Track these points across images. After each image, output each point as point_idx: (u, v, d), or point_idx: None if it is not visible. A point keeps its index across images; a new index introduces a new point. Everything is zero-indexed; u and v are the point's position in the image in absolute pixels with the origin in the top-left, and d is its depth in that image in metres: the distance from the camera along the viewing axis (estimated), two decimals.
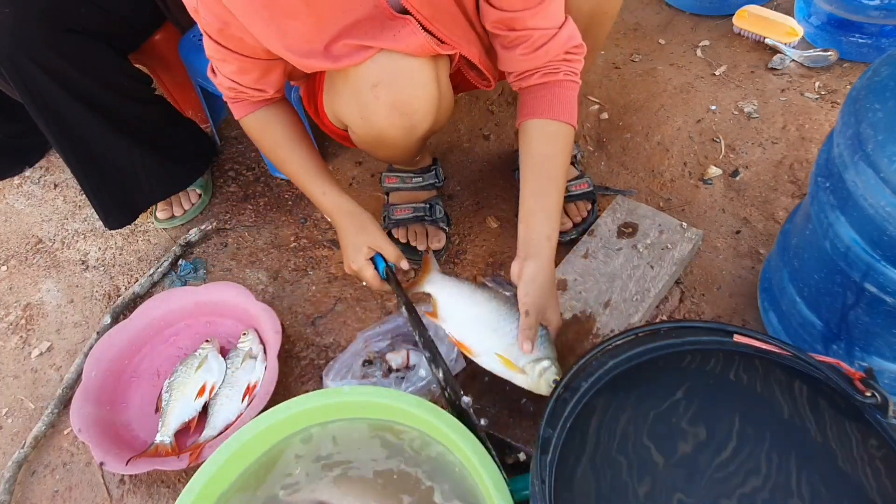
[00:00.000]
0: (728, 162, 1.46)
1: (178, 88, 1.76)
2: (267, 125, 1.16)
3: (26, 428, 1.31)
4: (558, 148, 1.04)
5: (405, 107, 1.04)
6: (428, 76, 1.02)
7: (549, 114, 1.03)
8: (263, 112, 1.15)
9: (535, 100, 1.05)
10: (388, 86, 1.01)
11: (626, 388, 0.75)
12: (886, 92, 0.77)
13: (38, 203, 1.80)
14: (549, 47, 1.01)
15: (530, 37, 1.00)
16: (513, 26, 1.00)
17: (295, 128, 1.18)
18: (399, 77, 1.00)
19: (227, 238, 1.57)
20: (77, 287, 1.56)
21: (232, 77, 1.08)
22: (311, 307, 1.39)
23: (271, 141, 1.18)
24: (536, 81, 1.05)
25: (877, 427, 0.68)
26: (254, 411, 1.13)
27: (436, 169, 1.44)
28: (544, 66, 1.03)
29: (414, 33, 0.96)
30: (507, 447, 1.02)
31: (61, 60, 1.26)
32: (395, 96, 1.02)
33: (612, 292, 1.19)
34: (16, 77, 1.25)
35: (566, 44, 1.02)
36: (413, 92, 1.02)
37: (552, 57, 1.02)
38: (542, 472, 0.66)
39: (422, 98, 1.04)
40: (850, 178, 0.79)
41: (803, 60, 1.61)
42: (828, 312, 0.96)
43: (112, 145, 1.40)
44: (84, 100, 1.32)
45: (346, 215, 1.16)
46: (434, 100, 1.06)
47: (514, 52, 1.03)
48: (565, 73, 1.04)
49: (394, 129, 1.08)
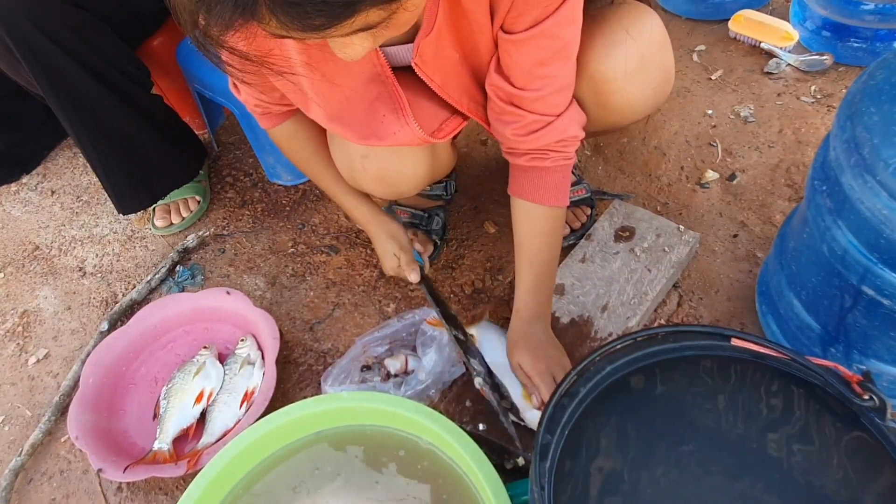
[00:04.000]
0: (725, 166, 1.46)
1: (175, 94, 1.76)
2: (294, 137, 1.17)
3: (23, 435, 1.31)
4: (538, 232, 1.08)
5: (391, 180, 1.09)
6: (420, 157, 1.07)
7: (535, 198, 1.05)
8: (291, 123, 1.15)
9: (524, 181, 1.06)
10: (377, 161, 1.05)
11: (624, 393, 0.75)
12: (882, 95, 0.77)
13: (35, 210, 1.79)
14: (542, 134, 0.98)
15: (524, 118, 0.97)
16: (512, 102, 0.96)
17: (321, 141, 1.18)
18: (388, 155, 1.05)
19: (224, 244, 1.57)
20: (74, 294, 1.56)
21: (256, 96, 1.08)
22: (309, 313, 1.39)
23: (301, 153, 1.20)
24: (524, 163, 1.04)
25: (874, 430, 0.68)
26: (252, 417, 1.13)
27: (447, 182, 1.43)
28: (534, 151, 1.01)
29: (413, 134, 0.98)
30: (506, 452, 1.02)
31: (72, 34, 1.26)
32: (382, 172, 1.07)
33: (610, 296, 1.19)
34: (27, 50, 1.24)
35: (561, 134, 0.99)
36: (401, 170, 1.07)
37: (543, 144, 1.00)
38: (540, 478, 0.66)
39: (409, 176, 1.09)
40: (847, 181, 0.79)
41: (799, 64, 1.62)
42: (825, 316, 0.96)
43: (125, 124, 1.39)
44: (98, 77, 1.32)
45: (377, 225, 1.25)
46: (423, 177, 1.13)
47: (506, 128, 1.00)
48: (553, 161, 1.02)
49: (380, 193, 1.18)
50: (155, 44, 1.62)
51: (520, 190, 1.07)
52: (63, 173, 1.88)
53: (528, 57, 0.90)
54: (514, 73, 0.93)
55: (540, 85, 0.93)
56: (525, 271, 1.10)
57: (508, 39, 0.89)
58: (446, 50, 0.92)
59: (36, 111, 1.80)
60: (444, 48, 0.92)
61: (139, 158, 1.45)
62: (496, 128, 1.03)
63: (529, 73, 0.92)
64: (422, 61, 0.91)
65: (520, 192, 1.07)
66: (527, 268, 1.10)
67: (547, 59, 0.90)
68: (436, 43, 0.89)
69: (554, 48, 0.89)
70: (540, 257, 1.09)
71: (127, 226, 1.68)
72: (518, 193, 1.07)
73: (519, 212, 1.09)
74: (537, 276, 1.10)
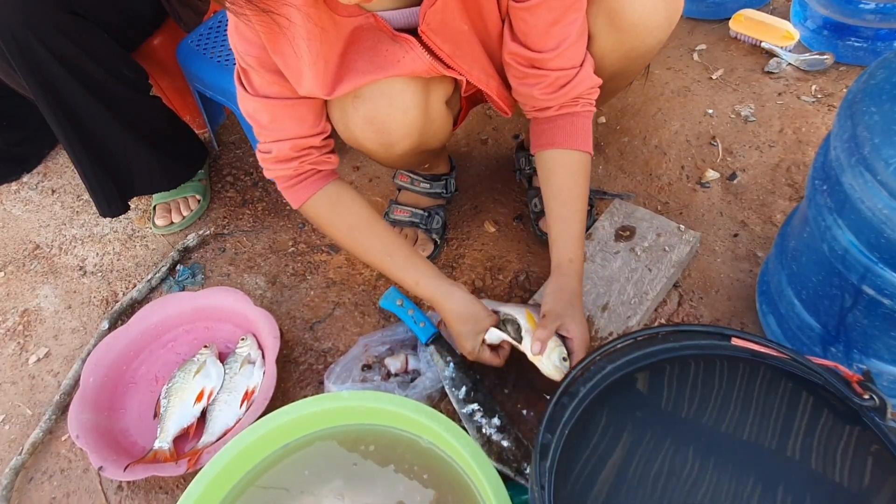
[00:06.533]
0: (725, 165, 1.46)
1: (175, 94, 1.76)
2: (339, 203, 1.09)
3: (24, 434, 1.31)
4: (578, 178, 1.06)
5: (380, 125, 1.04)
6: (410, 100, 1.02)
7: (569, 144, 1.05)
8: (334, 188, 1.09)
9: (554, 129, 1.05)
10: (367, 101, 1.01)
11: (625, 393, 0.75)
12: (882, 95, 0.77)
13: (35, 209, 1.79)
14: (570, 88, 1.01)
15: (549, 76, 1.00)
16: (533, 64, 1.00)
17: (368, 208, 1.11)
18: (379, 95, 1.01)
19: (225, 243, 1.57)
20: (75, 293, 1.56)
21: (291, 135, 1.03)
22: (309, 312, 1.39)
23: (347, 223, 1.09)
24: (555, 113, 1.05)
25: (874, 430, 0.68)
26: (252, 416, 1.13)
27: (447, 179, 1.43)
28: (567, 104, 1.04)
29: (419, 58, 0.96)
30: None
31: (66, 41, 1.26)
32: (372, 113, 1.02)
33: (610, 295, 1.19)
34: (20, 58, 1.24)
35: (586, 83, 1.02)
36: (390, 113, 1.02)
37: (572, 96, 1.03)
38: (541, 477, 0.66)
39: (399, 120, 1.03)
40: (847, 181, 0.79)
41: (799, 64, 1.62)
42: (826, 315, 0.96)
43: (112, 133, 1.40)
44: (87, 85, 1.32)
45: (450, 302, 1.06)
46: (414, 124, 1.05)
47: (533, 89, 1.02)
48: (582, 106, 1.04)
49: (370, 143, 1.08)
50: (155, 43, 1.62)
51: (550, 140, 1.06)
52: (63, 172, 1.88)
53: (542, 19, 0.93)
54: (530, 38, 0.96)
55: (557, 42, 0.96)
56: (570, 217, 1.05)
57: (521, 7, 0.92)
58: (454, 21, 0.94)
59: (36, 111, 1.80)
60: (453, 19, 0.94)
61: (125, 167, 1.45)
62: (521, 92, 1.05)
63: (546, 34, 0.95)
64: (429, 29, 0.92)
65: (550, 143, 1.06)
66: (571, 213, 1.05)
67: (560, 16, 0.93)
68: (442, 13, 0.91)
69: (565, 4, 0.93)
70: (581, 203, 1.06)
71: (127, 225, 1.68)
72: (549, 145, 1.06)
73: (552, 163, 1.06)
74: (582, 221, 1.06)
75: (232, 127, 1.85)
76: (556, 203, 1.07)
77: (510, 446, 1.01)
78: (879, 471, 0.67)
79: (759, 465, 0.69)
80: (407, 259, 1.09)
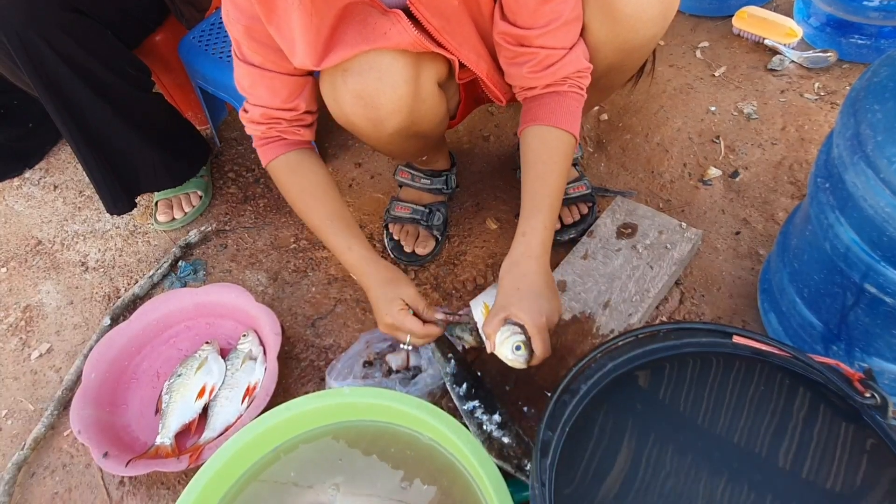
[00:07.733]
0: (727, 163, 1.46)
1: (177, 90, 1.76)
2: (297, 168, 1.12)
3: (26, 430, 1.31)
4: (555, 153, 1.03)
5: (369, 99, 1.02)
6: (399, 75, 1.00)
7: (550, 120, 1.03)
8: (295, 154, 1.12)
9: (539, 106, 1.05)
10: (357, 75, 1.01)
11: (626, 390, 0.75)
12: (886, 93, 0.77)
13: (37, 205, 1.80)
14: (557, 68, 1.01)
15: (537, 55, 1.00)
16: (522, 42, 1.00)
17: (325, 176, 1.13)
18: (368, 70, 1.00)
19: (226, 239, 1.57)
20: (77, 288, 1.56)
21: (263, 103, 1.07)
22: (310, 308, 1.39)
23: (298, 186, 1.12)
24: (541, 92, 1.05)
25: (875, 428, 0.68)
26: (253, 413, 1.13)
27: (447, 175, 1.42)
28: (553, 84, 1.03)
29: (405, 31, 0.95)
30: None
31: (70, 40, 1.27)
32: (361, 87, 1.01)
33: (612, 293, 1.19)
34: (25, 56, 1.25)
35: (575, 65, 1.02)
36: (379, 87, 1.01)
37: (560, 76, 1.02)
38: (541, 474, 0.66)
39: (387, 95, 1.02)
40: (850, 178, 0.79)
41: (802, 61, 1.61)
42: (827, 313, 0.96)
43: (116, 130, 1.40)
44: (91, 83, 1.33)
45: (374, 268, 1.07)
46: (403, 99, 1.03)
47: (521, 68, 1.02)
48: (570, 86, 1.04)
49: (359, 119, 1.06)
50: (157, 40, 1.62)
51: (533, 117, 1.05)
52: (65, 168, 1.88)
53: None
54: (520, 16, 0.97)
55: (546, 21, 0.96)
56: (536, 192, 1.01)
57: None
58: None
59: (38, 106, 1.80)
60: None
61: (129, 165, 1.46)
62: (511, 72, 1.06)
63: (536, 12, 0.95)
64: (418, 1, 0.93)
65: (533, 119, 1.05)
66: (538, 187, 1.01)
67: None
68: None
69: None
70: (552, 179, 1.02)
71: (129, 221, 1.68)
72: (531, 121, 1.05)
73: (531, 138, 1.04)
74: (550, 197, 1.01)
75: (233, 123, 1.85)
76: (529, 177, 1.03)
77: (511, 443, 1.01)
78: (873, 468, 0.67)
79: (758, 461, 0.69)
80: (346, 227, 1.10)
